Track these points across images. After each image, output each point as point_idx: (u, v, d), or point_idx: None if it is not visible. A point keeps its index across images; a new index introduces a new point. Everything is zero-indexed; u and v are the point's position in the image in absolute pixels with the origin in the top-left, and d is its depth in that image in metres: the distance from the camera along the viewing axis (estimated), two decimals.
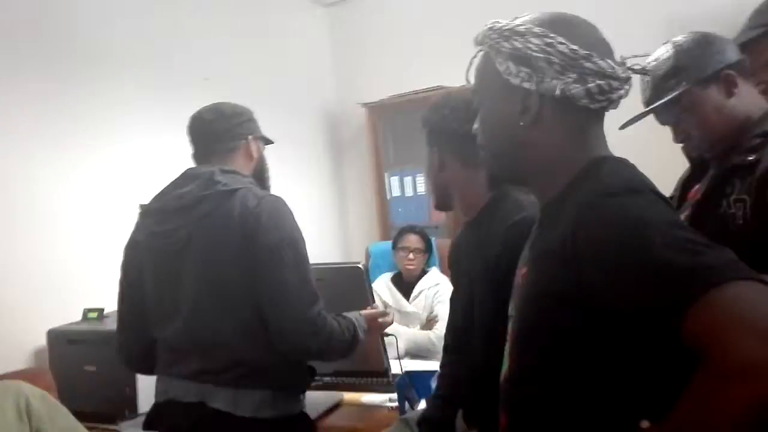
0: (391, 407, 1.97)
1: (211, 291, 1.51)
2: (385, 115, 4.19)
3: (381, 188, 4.22)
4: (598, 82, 0.92)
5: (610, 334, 0.83)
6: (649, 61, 1.39)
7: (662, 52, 1.38)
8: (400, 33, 4.21)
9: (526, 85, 0.94)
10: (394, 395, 1.96)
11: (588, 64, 0.91)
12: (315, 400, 1.97)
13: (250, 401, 1.49)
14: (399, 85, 4.00)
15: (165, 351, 1.61)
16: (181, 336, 1.54)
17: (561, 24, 0.95)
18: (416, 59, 4.06)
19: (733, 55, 1.35)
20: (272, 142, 1.79)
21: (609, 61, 0.93)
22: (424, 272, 3.19)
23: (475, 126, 1.07)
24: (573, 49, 0.91)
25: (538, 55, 0.92)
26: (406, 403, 1.90)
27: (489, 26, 0.98)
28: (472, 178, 1.46)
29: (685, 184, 1.53)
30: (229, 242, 1.50)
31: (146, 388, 1.84)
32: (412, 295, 3.13)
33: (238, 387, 1.49)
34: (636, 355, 0.84)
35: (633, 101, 1.46)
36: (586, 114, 0.96)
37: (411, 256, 3.15)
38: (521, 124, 0.96)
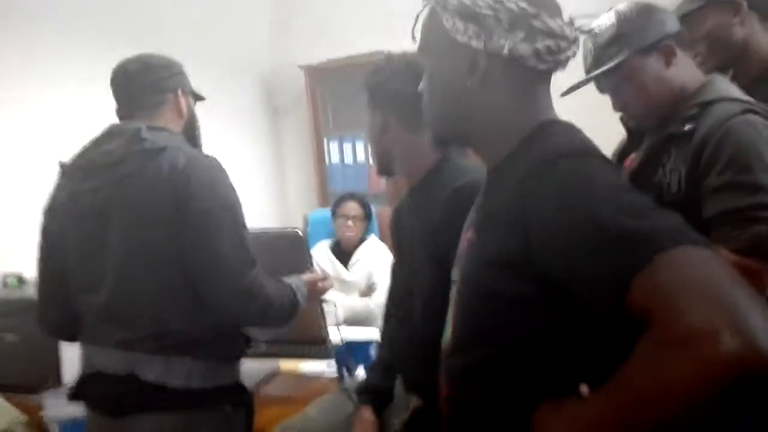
0: (330, 377, 1.96)
1: (137, 256, 1.42)
2: (325, 79, 4.10)
3: (320, 154, 4.15)
4: (547, 41, 0.90)
5: (557, 301, 0.82)
6: (592, 27, 1.39)
7: (605, 19, 1.38)
8: None
9: (473, 43, 0.91)
10: (333, 362, 1.95)
11: (536, 23, 0.90)
12: (251, 369, 1.93)
13: (180, 371, 1.43)
14: (340, 48, 3.90)
15: (89, 319, 1.52)
16: (107, 303, 1.46)
17: None
18: (358, 22, 3.97)
19: (673, 25, 1.37)
20: (203, 98, 1.69)
21: (557, 20, 0.92)
22: (362, 240, 3.17)
23: (421, 86, 1.04)
24: (522, 7, 0.90)
25: (487, 12, 0.90)
26: (345, 372, 1.89)
27: None
28: (415, 141, 1.44)
29: (621, 154, 1.55)
30: (156, 204, 1.41)
31: (71, 358, 1.75)
32: (351, 263, 3.11)
33: (168, 356, 1.42)
34: (581, 322, 0.82)
35: (576, 67, 1.47)
36: (535, 75, 0.94)
37: (350, 223, 3.12)
38: (468, 84, 0.94)
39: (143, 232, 1.42)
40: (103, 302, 1.46)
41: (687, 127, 1.29)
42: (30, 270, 2.27)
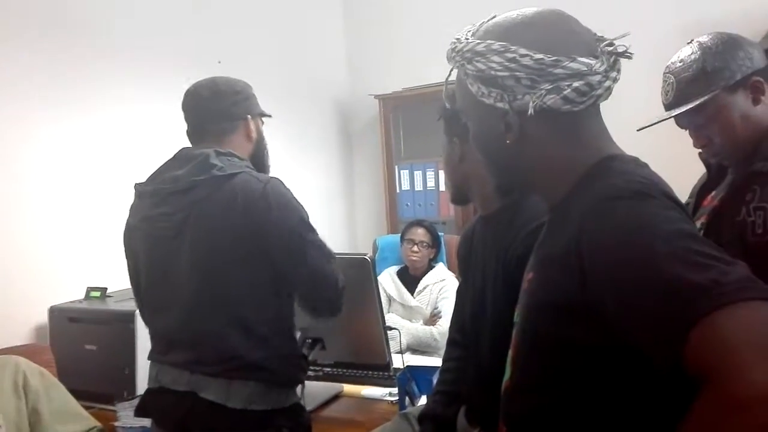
0: (391, 401, 1.96)
1: (207, 281, 1.47)
2: (397, 108, 4.16)
3: (391, 181, 4.19)
4: (575, 84, 0.86)
5: (612, 347, 0.78)
6: (674, 61, 1.35)
7: (688, 52, 1.33)
8: (414, 25, 4.17)
9: (499, 105, 0.89)
10: (394, 389, 1.95)
11: (558, 71, 0.86)
12: (315, 390, 1.96)
13: (242, 393, 1.46)
14: (412, 78, 3.96)
15: (158, 338, 1.59)
16: (175, 325, 1.51)
17: (521, 30, 0.89)
18: (430, 52, 3.95)
19: (760, 60, 1.31)
20: (270, 116, 1.72)
21: (582, 59, 0.87)
22: (430, 267, 3.17)
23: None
24: (538, 59, 0.86)
25: (504, 74, 0.87)
26: (407, 398, 1.88)
27: (451, 47, 0.94)
28: None
29: (701, 191, 1.49)
30: (228, 228, 1.45)
31: (145, 370, 1.82)
32: (417, 290, 3.11)
33: (231, 379, 1.46)
34: (638, 370, 0.78)
35: (652, 95, 1.43)
36: (575, 115, 0.89)
37: (416, 248, 3.14)
38: (508, 142, 0.92)
39: (214, 255, 1.46)
40: (171, 324, 1.52)
41: None
42: (112, 284, 2.40)
